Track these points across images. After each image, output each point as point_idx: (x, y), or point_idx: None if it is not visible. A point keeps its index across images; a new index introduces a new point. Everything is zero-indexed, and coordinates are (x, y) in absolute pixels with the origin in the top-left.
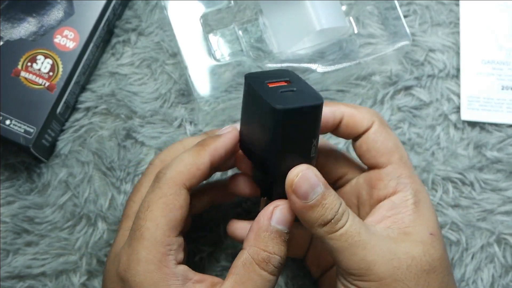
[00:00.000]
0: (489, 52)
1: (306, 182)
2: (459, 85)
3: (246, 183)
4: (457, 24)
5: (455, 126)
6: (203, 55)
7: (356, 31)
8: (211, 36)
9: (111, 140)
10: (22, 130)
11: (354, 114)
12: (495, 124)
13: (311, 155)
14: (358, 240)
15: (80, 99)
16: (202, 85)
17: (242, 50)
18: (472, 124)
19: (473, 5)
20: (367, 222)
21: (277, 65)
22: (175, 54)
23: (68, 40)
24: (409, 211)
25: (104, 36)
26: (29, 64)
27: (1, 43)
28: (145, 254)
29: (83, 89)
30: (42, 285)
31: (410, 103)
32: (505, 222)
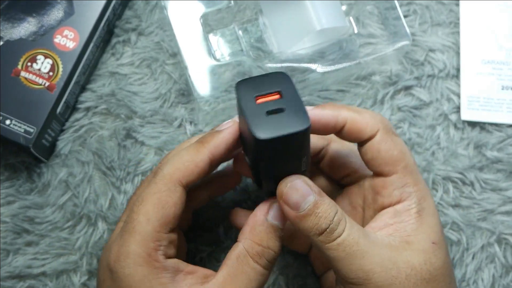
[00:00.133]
0: (489, 52)
1: (295, 192)
2: (459, 85)
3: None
4: (457, 24)
5: (455, 126)
6: (203, 55)
7: (356, 31)
8: (211, 36)
9: (111, 140)
10: (22, 130)
11: (357, 121)
12: (495, 124)
13: (302, 169)
14: (356, 249)
15: (80, 99)
16: (202, 85)
17: (242, 50)
18: (472, 124)
19: (473, 5)
20: (369, 228)
21: (277, 65)
22: (175, 54)
23: (68, 40)
24: (412, 220)
25: (104, 36)
26: (29, 64)
27: (1, 43)
28: (135, 248)
29: (83, 89)
30: (43, 285)
31: (410, 103)
32: (505, 222)
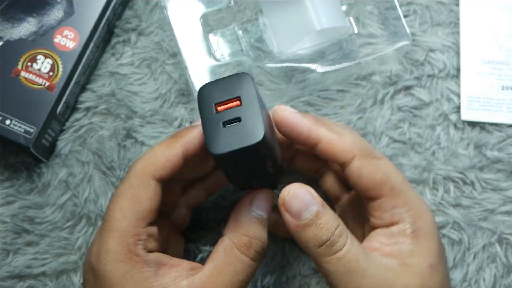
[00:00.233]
0: (489, 52)
1: (297, 201)
2: (459, 85)
3: None
4: (457, 24)
5: (455, 126)
6: (203, 55)
7: (356, 31)
8: (211, 36)
9: (111, 140)
10: (22, 130)
11: (332, 143)
12: (495, 124)
13: (269, 172)
14: (355, 266)
15: (80, 99)
16: (202, 85)
17: (242, 50)
18: (472, 124)
19: (473, 5)
20: (364, 247)
21: (277, 65)
22: (175, 54)
23: (68, 40)
24: (408, 241)
25: (104, 36)
26: (29, 64)
27: (1, 43)
28: (114, 245)
29: (83, 89)
30: (43, 285)
31: (410, 103)
32: (506, 222)
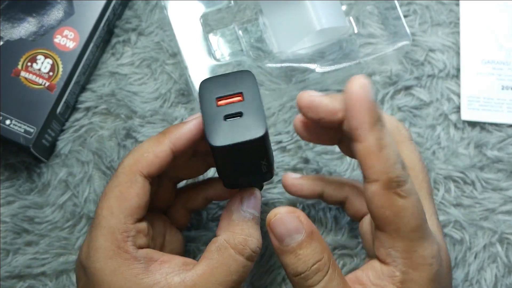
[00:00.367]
0: (489, 52)
1: (282, 226)
2: (459, 85)
3: None
4: (457, 24)
5: (455, 126)
6: (203, 55)
7: (356, 31)
8: (211, 36)
9: (111, 140)
10: (22, 130)
11: (369, 155)
12: (495, 124)
13: (263, 171)
14: None
15: (80, 99)
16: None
17: (242, 50)
18: (472, 124)
19: (473, 5)
20: (353, 277)
21: (277, 65)
22: (175, 54)
23: (68, 40)
24: None
25: (104, 36)
26: (29, 64)
27: (1, 43)
28: (103, 242)
29: (83, 89)
30: (43, 285)
31: (410, 103)
32: (507, 222)
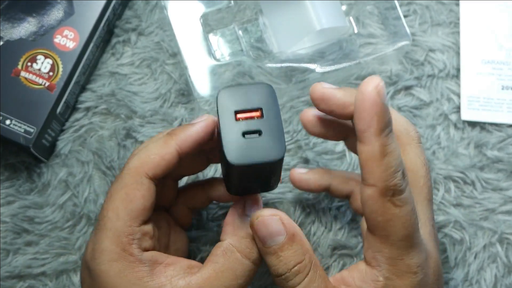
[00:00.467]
0: (489, 52)
1: (264, 228)
2: (459, 85)
3: None
4: (457, 24)
5: (455, 126)
6: (203, 55)
7: (356, 31)
8: (211, 36)
9: (111, 140)
10: (22, 130)
11: (371, 160)
12: (495, 124)
13: (270, 185)
14: None
15: (80, 99)
16: (202, 85)
17: (242, 50)
18: (472, 124)
19: (473, 5)
20: (339, 276)
21: (277, 65)
22: (175, 54)
23: (68, 40)
24: None
25: (104, 36)
26: (29, 64)
27: (1, 43)
28: (108, 244)
29: (83, 89)
30: (43, 285)
31: (410, 103)
32: (507, 222)
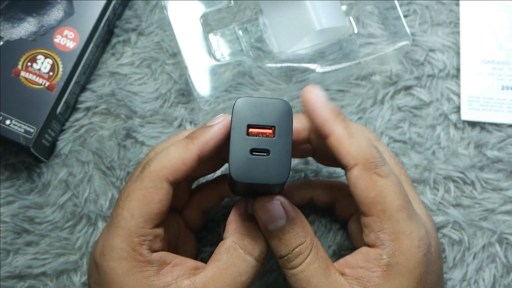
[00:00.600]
0: (489, 52)
1: (266, 213)
2: (459, 85)
3: None
4: (457, 24)
5: (455, 126)
6: (203, 55)
7: (356, 31)
8: (211, 36)
9: (111, 140)
10: (22, 130)
11: (340, 143)
12: (495, 124)
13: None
14: (305, 287)
15: (80, 99)
16: (202, 85)
17: (242, 50)
18: (472, 124)
19: (473, 5)
20: (344, 262)
21: (277, 65)
22: (175, 54)
23: (68, 40)
24: (379, 273)
25: (104, 36)
26: (29, 64)
27: (1, 43)
28: (119, 242)
29: (83, 89)
30: (43, 285)
31: (410, 103)
32: (506, 222)
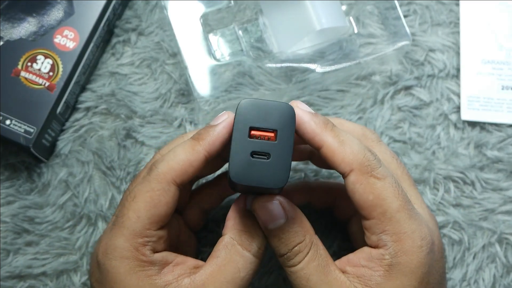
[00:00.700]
0: (489, 52)
1: (265, 212)
2: (459, 85)
3: None
4: (457, 24)
5: (455, 126)
6: (203, 55)
7: (356, 31)
8: (211, 36)
9: (111, 140)
10: (22, 130)
11: (333, 152)
12: (495, 124)
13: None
14: (305, 284)
15: (80, 99)
16: (202, 85)
17: (242, 50)
18: (472, 124)
19: (473, 5)
20: (346, 259)
21: (277, 65)
22: (175, 54)
23: (68, 40)
24: (380, 272)
25: (104, 36)
26: (29, 64)
27: (1, 43)
28: (122, 242)
29: (83, 89)
30: (43, 285)
31: (410, 103)
32: (506, 222)
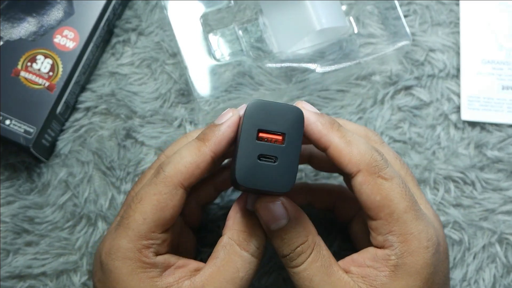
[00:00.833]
0: (489, 52)
1: (268, 213)
2: (459, 85)
3: None
4: (457, 24)
5: (455, 126)
6: (203, 55)
7: (356, 31)
8: (211, 36)
9: (111, 140)
10: (22, 130)
11: (340, 152)
12: (495, 124)
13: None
14: (308, 285)
15: (80, 99)
16: (202, 85)
17: (242, 50)
18: (473, 124)
19: (473, 5)
20: (350, 260)
21: (277, 65)
22: (175, 54)
23: (68, 40)
24: (386, 273)
25: (104, 36)
26: (29, 64)
27: (1, 43)
28: (126, 243)
29: (83, 89)
30: (43, 285)
31: (410, 103)
32: (506, 222)
